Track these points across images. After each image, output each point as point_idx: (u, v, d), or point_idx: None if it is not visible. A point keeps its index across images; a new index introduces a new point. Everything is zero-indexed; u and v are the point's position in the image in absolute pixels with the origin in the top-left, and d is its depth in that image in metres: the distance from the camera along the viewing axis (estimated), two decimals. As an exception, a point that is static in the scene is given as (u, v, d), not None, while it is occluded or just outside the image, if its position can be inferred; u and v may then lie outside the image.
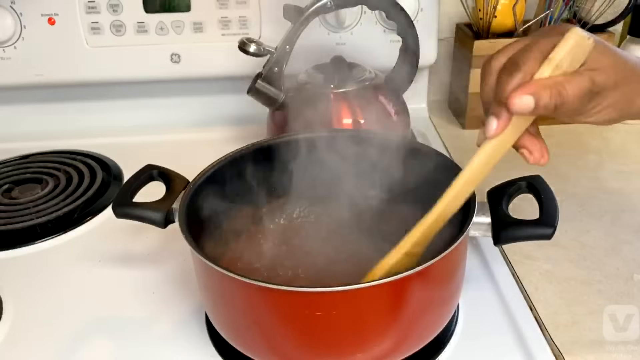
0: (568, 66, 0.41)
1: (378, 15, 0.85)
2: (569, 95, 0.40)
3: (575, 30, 0.40)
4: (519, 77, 0.41)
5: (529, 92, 0.40)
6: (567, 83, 0.40)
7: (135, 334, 0.56)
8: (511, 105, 0.40)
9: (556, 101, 0.40)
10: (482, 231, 0.49)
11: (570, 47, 0.40)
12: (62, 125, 0.94)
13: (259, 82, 0.73)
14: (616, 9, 0.86)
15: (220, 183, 0.57)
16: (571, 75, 0.41)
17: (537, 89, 0.40)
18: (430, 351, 0.51)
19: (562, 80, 0.40)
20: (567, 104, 0.40)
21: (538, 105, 0.40)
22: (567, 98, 0.40)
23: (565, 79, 0.40)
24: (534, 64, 0.41)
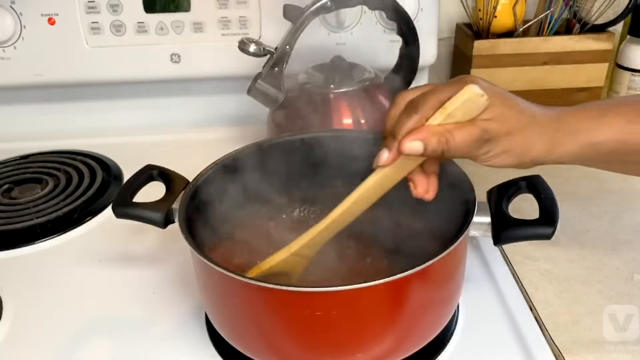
0: (461, 117, 0.44)
1: (378, 15, 0.85)
2: (455, 142, 0.43)
3: (470, 87, 0.43)
4: (415, 119, 0.44)
5: (419, 137, 0.43)
6: (455, 131, 0.43)
7: (135, 334, 0.56)
8: (402, 146, 0.44)
9: (443, 147, 0.44)
10: (482, 231, 0.49)
11: (463, 100, 0.43)
12: (62, 125, 0.94)
13: (259, 82, 0.73)
14: (616, 9, 0.86)
15: (221, 183, 0.57)
16: (462, 124, 0.44)
17: (426, 135, 0.43)
18: (430, 351, 0.51)
19: (451, 129, 0.43)
20: (453, 150, 0.44)
21: (426, 149, 0.43)
22: (453, 145, 0.44)
23: (454, 127, 0.44)
24: (429, 110, 0.44)
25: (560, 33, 0.90)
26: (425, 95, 0.45)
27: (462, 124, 0.44)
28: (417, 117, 0.44)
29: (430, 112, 0.44)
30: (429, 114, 0.44)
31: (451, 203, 0.52)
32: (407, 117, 0.45)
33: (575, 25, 0.88)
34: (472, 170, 0.52)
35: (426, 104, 0.44)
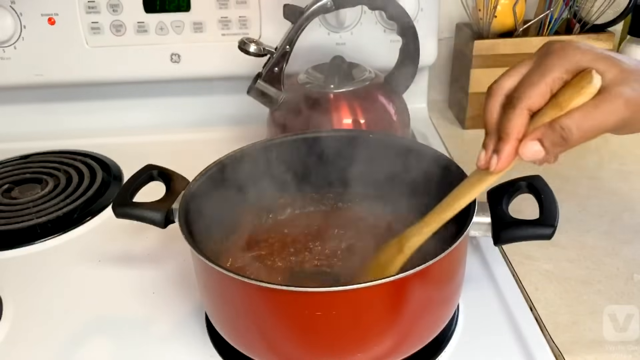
0: (575, 104, 0.40)
1: (378, 15, 0.85)
2: (579, 136, 0.39)
3: (593, 78, 0.39)
4: (524, 115, 0.40)
5: (534, 137, 0.40)
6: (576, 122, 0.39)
7: (135, 334, 0.56)
8: (522, 152, 0.40)
9: (564, 145, 0.40)
10: (482, 231, 0.49)
11: (581, 92, 0.39)
12: (62, 125, 0.94)
13: (259, 82, 0.73)
14: (616, 9, 0.86)
15: (220, 183, 0.57)
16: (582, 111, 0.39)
17: (542, 136, 0.40)
18: (430, 351, 0.51)
19: (570, 123, 0.39)
20: (578, 142, 0.40)
21: (548, 152, 0.40)
22: (576, 139, 0.40)
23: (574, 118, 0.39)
24: (537, 100, 0.40)
25: (560, 33, 0.90)
26: (527, 82, 0.41)
27: (582, 106, 0.39)
28: (524, 112, 0.40)
29: (541, 102, 0.40)
30: (540, 104, 0.40)
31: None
32: (513, 112, 0.40)
33: (575, 25, 0.88)
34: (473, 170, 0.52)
35: (532, 94, 0.40)
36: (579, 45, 0.41)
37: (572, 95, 0.39)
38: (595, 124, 0.39)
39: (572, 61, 0.40)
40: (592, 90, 0.39)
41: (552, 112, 0.40)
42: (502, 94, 0.43)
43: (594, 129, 0.39)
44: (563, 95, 0.40)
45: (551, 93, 0.40)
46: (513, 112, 0.40)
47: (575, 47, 0.41)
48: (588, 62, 0.40)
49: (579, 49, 0.41)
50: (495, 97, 0.43)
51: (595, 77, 0.39)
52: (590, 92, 0.39)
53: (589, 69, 0.39)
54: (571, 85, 0.40)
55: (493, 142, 0.42)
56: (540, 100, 0.40)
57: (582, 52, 0.40)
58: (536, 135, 0.40)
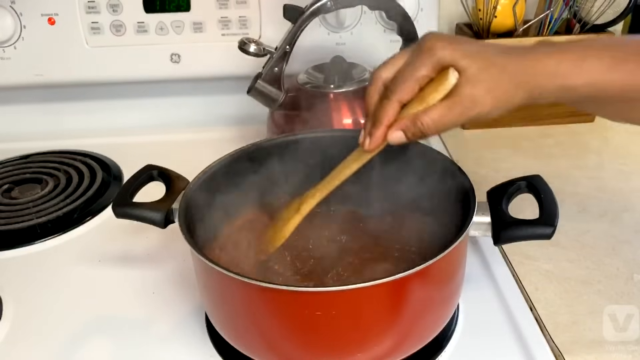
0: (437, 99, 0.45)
1: (378, 15, 0.85)
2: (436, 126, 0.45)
3: (450, 77, 0.44)
4: (394, 106, 0.47)
5: (400, 127, 0.46)
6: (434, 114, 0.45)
7: (135, 334, 0.56)
8: (388, 137, 0.47)
9: (424, 132, 0.46)
10: (482, 231, 0.49)
11: (443, 94, 0.45)
12: (62, 125, 0.94)
13: (259, 82, 0.73)
14: (616, 9, 0.86)
15: (220, 183, 0.57)
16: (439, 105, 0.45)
17: (406, 125, 0.46)
18: (430, 351, 0.51)
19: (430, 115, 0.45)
20: (435, 131, 0.46)
21: (409, 138, 0.47)
22: (433, 128, 0.46)
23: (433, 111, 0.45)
24: (407, 94, 0.46)
25: (560, 33, 0.90)
26: (400, 77, 0.47)
27: (439, 105, 0.45)
28: (395, 104, 0.46)
29: (408, 96, 0.46)
30: (406, 98, 0.46)
31: (451, 203, 0.52)
32: (387, 102, 0.47)
33: (575, 25, 0.88)
34: (472, 171, 0.52)
35: (403, 88, 0.46)
36: (448, 43, 0.45)
37: (432, 91, 0.45)
38: (448, 120, 0.45)
39: (438, 59, 0.45)
40: (447, 86, 0.45)
41: (417, 104, 0.46)
42: (380, 83, 0.48)
43: (448, 124, 0.46)
44: (426, 90, 0.46)
45: (420, 87, 0.46)
46: (386, 102, 0.47)
47: (444, 46, 0.45)
48: (452, 60, 0.45)
49: (446, 48, 0.45)
50: (374, 85, 0.49)
51: (450, 76, 0.44)
52: (446, 89, 0.45)
53: (448, 66, 0.45)
54: (434, 81, 0.45)
55: (369, 125, 0.49)
56: (410, 94, 0.46)
57: (450, 50, 0.45)
58: (401, 126, 0.47)
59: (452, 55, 0.45)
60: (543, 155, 0.82)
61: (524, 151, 0.81)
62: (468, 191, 0.50)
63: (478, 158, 0.78)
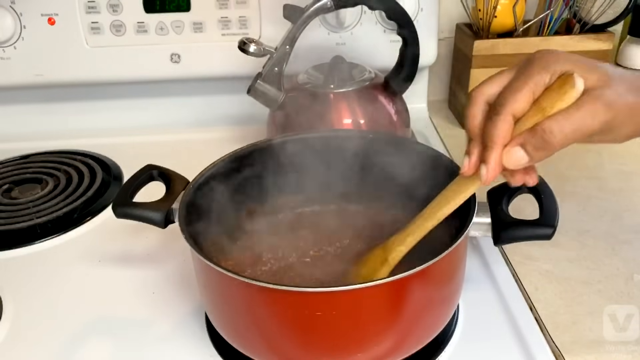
0: (557, 109, 0.40)
1: (378, 15, 0.85)
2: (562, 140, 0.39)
3: (575, 82, 0.39)
4: (507, 122, 0.40)
5: (516, 143, 0.40)
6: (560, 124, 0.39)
7: (135, 334, 0.56)
8: (505, 161, 0.40)
9: (548, 151, 0.40)
10: (482, 231, 0.49)
11: (570, 102, 0.39)
12: (62, 125, 0.94)
13: (259, 82, 0.73)
14: (616, 9, 0.86)
15: (220, 183, 0.57)
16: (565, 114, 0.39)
17: (524, 138, 0.39)
18: (430, 351, 0.51)
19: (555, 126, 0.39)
20: (562, 145, 0.40)
21: (530, 156, 0.40)
22: (559, 143, 0.39)
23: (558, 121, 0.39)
24: (523, 105, 0.40)
25: (560, 33, 0.90)
26: (511, 88, 0.41)
27: (566, 108, 0.39)
28: (509, 118, 0.40)
29: (523, 107, 0.40)
30: (522, 110, 0.40)
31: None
32: (498, 118, 0.40)
33: (575, 25, 0.88)
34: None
35: (517, 98, 0.40)
36: (562, 54, 0.41)
37: (555, 100, 0.39)
38: (577, 126, 0.39)
39: (554, 67, 0.40)
40: (574, 94, 0.39)
41: (535, 117, 0.40)
42: (484, 101, 0.43)
43: (576, 131, 0.39)
44: (546, 100, 0.40)
45: (534, 98, 0.40)
46: (497, 119, 0.40)
47: (556, 54, 0.41)
48: (569, 68, 0.40)
49: (559, 56, 0.41)
50: (477, 104, 0.43)
51: (577, 80, 0.39)
52: (573, 96, 0.39)
53: (570, 73, 0.39)
54: (553, 89, 0.40)
55: (477, 149, 0.42)
56: (524, 106, 0.40)
57: (564, 58, 0.40)
58: (518, 141, 0.40)
59: (569, 65, 0.40)
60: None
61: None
62: (468, 191, 0.50)
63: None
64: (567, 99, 0.39)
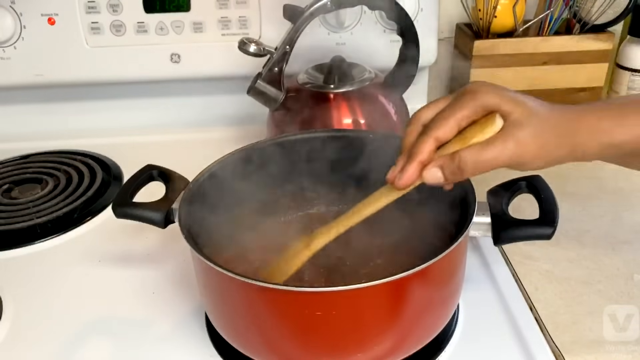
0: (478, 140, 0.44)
1: (378, 15, 0.85)
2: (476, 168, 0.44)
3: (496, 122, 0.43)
4: (431, 143, 0.45)
5: (436, 164, 0.45)
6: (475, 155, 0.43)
7: (135, 334, 0.56)
8: (424, 175, 0.45)
9: (463, 174, 0.44)
10: (482, 231, 0.49)
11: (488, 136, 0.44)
12: (62, 125, 0.94)
13: (259, 82, 0.73)
14: (616, 9, 0.86)
15: (220, 183, 0.57)
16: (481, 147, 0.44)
17: (443, 162, 0.44)
18: (430, 351, 0.51)
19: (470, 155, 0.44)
20: (474, 173, 0.44)
21: (445, 177, 0.45)
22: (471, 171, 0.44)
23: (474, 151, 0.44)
24: (447, 132, 0.45)
25: (560, 33, 0.90)
26: (440, 116, 0.45)
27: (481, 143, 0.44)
28: (431, 140, 0.45)
29: (446, 134, 0.45)
30: (444, 136, 0.45)
31: (451, 203, 0.52)
32: (423, 138, 0.45)
33: (575, 25, 0.88)
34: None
35: (442, 125, 0.45)
36: (492, 89, 0.45)
37: (475, 133, 0.44)
38: (488, 158, 0.43)
39: (481, 103, 0.44)
40: (492, 130, 0.43)
41: (457, 144, 0.44)
42: (420, 123, 0.47)
43: (487, 163, 0.43)
44: (469, 132, 0.44)
45: (459, 128, 0.45)
46: (422, 139, 0.45)
47: (488, 91, 0.45)
48: (495, 105, 0.44)
49: (490, 93, 0.44)
50: (413, 124, 0.48)
51: (497, 120, 0.43)
52: (491, 132, 0.43)
53: (494, 111, 0.44)
54: (478, 124, 0.44)
55: (402, 162, 0.46)
56: (447, 133, 0.45)
57: (493, 95, 0.44)
58: (438, 163, 0.45)
59: (496, 100, 0.44)
60: (543, 155, 0.82)
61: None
62: (468, 191, 0.50)
63: (478, 158, 0.78)
64: (486, 134, 0.44)
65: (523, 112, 0.44)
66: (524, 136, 0.43)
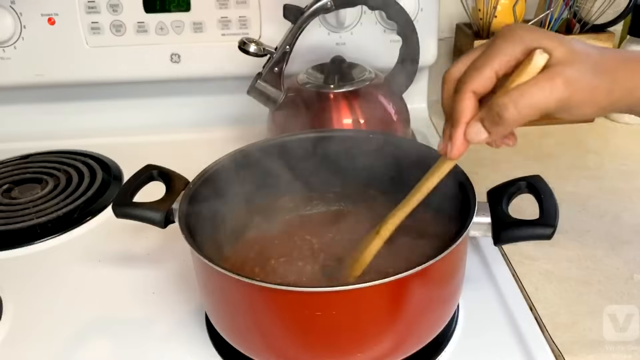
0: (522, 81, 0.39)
1: (378, 15, 0.85)
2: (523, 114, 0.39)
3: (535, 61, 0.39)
4: (469, 97, 0.40)
5: (476, 119, 0.40)
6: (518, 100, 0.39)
7: (135, 334, 0.56)
8: (467, 135, 0.41)
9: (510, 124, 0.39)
10: (482, 231, 0.49)
11: (529, 76, 0.39)
12: (62, 125, 0.94)
13: (259, 82, 0.73)
14: (616, 9, 0.86)
15: (220, 183, 0.57)
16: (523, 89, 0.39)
17: (482, 114, 0.40)
18: (430, 351, 0.51)
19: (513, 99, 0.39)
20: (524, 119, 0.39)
21: (489, 131, 0.40)
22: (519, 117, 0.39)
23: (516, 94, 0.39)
24: (483, 83, 0.40)
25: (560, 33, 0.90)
26: (472, 67, 0.41)
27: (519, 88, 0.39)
28: (469, 95, 0.40)
29: (482, 85, 0.40)
30: (481, 87, 0.40)
31: (451, 203, 0.52)
32: (458, 96, 0.41)
33: (575, 25, 0.88)
34: (472, 170, 0.52)
35: (475, 76, 0.40)
36: (529, 27, 0.41)
37: (516, 76, 0.39)
38: (531, 101, 0.38)
39: (520, 42, 0.40)
40: (533, 70, 0.39)
41: (500, 94, 0.40)
42: (453, 80, 0.43)
43: (530, 106, 0.38)
44: (509, 78, 0.40)
45: (497, 76, 0.40)
46: (457, 97, 0.41)
47: (524, 28, 0.41)
48: (535, 41, 0.39)
49: (527, 30, 0.40)
50: (447, 85, 0.43)
51: (537, 55, 0.39)
52: (532, 71, 0.39)
53: (536, 48, 0.39)
54: (518, 67, 0.40)
55: (448, 129, 0.43)
56: (485, 83, 0.40)
57: (531, 32, 0.40)
58: (478, 116, 0.40)
59: (535, 35, 0.39)
60: (543, 155, 0.82)
61: (524, 151, 0.81)
62: (468, 191, 0.50)
63: (478, 158, 0.78)
64: (526, 75, 0.39)
65: (569, 49, 0.39)
66: (574, 74, 0.38)
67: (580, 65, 0.39)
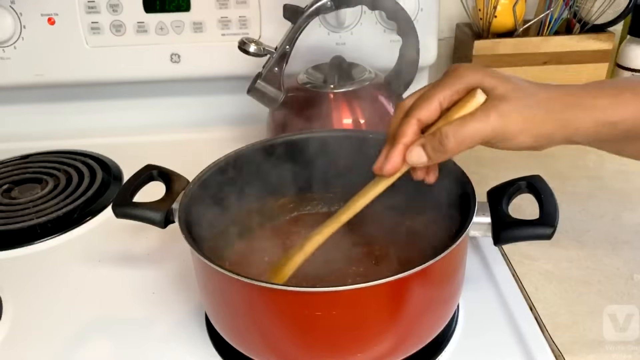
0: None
1: (378, 15, 0.85)
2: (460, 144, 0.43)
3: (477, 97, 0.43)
4: (413, 124, 0.44)
5: (418, 143, 0.44)
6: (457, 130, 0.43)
7: (135, 334, 0.56)
8: (407, 158, 0.44)
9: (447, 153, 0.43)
10: (482, 231, 0.49)
11: (469, 110, 0.43)
12: (62, 125, 0.94)
13: (259, 82, 0.73)
14: (616, 9, 0.86)
15: (220, 183, 0.57)
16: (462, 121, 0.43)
17: (424, 140, 0.44)
18: (430, 351, 0.51)
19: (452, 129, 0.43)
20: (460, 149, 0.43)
21: (428, 156, 0.44)
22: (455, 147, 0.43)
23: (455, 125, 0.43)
24: (429, 113, 0.44)
25: (560, 33, 0.90)
26: (421, 97, 0.45)
27: (459, 120, 0.43)
28: (413, 121, 0.44)
29: (428, 115, 0.44)
30: (426, 117, 0.44)
31: (451, 203, 0.52)
32: (405, 121, 0.45)
33: (575, 25, 0.88)
34: (472, 170, 0.52)
35: (423, 106, 0.44)
36: (475, 67, 0.45)
37: (458, 109, 0.43)
38: (469, 132, 0.43)
39: (464, 81, 0.44)
40: (474, 104, 0.43)
41: (441, 124, 0.44)
42: (403, 110, 0.46)
43: (469, 136, 0.43)
44: (451, 111, 0.44)
45: (441, 108, 0.44)
46: (404, 121, 0.45)
47: (469, 68, 0.45)
48: (477, 81, 0.44)
49: (471, 69, 0.44)
50: (398, 112, 0.47)
51: (478, 94, 0.43)
52: (472, 106, 0.43)
53: (477, 87, 0.43)
54: (460, 101, 0.44)
55: (387, 149, 0.46)
56: (430, 114, 0.44)
57: (474, 71, 0.44)
58: (420, 142, 0.44)
59: (477, 76, 0.44)
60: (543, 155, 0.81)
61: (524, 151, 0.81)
62: (468, 191, 0.50)
63: (478, 158, 0.78)
64: (467, 108, 0.43)
65: (507, 87, 0.43)
66: (507, 108, 0.42)
67: (516, 100, 0.43)
